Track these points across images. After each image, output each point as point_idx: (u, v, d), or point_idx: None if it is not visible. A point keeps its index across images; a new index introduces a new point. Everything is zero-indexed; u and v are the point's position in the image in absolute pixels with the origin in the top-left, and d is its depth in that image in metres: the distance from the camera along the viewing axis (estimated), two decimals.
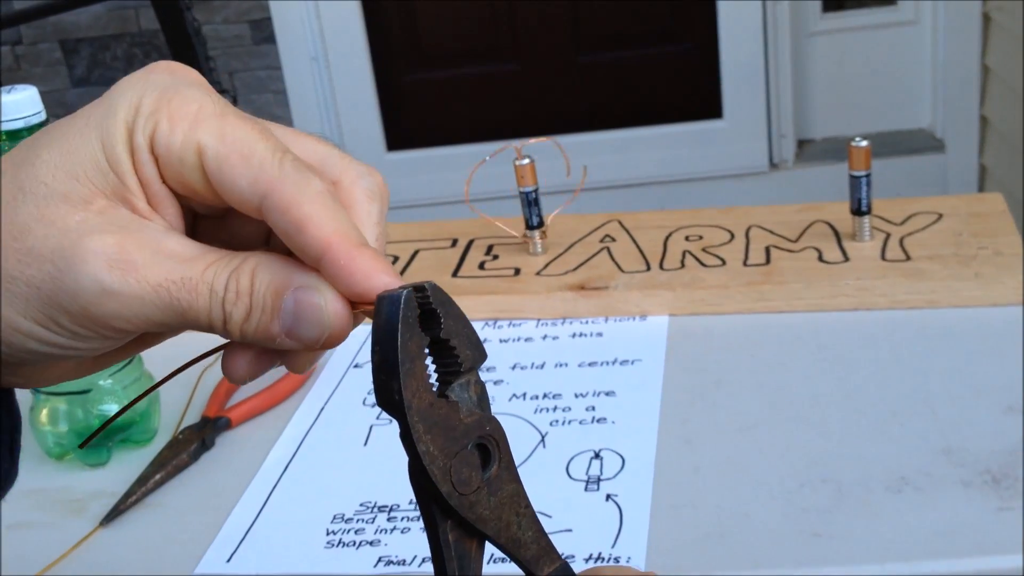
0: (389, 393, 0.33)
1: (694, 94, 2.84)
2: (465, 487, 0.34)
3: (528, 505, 0.36)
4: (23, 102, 0.69)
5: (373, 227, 0.38)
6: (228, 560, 0.67)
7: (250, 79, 2.83)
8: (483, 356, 0.35)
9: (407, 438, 0.33)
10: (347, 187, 0.38)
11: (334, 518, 0.69)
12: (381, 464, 0.74)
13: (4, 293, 0.34)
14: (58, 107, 2.79)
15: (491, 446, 0.35)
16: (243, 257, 0.35)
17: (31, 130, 0.71)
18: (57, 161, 0.35)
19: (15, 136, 0.70)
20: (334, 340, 0.35)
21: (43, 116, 0.71)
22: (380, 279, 0.34)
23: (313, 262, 0.35)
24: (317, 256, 0.34)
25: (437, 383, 0.35)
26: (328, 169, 0.38)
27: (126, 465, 0.77)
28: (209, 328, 0.35)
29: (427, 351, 0.34)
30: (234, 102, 2.62)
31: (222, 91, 2.61)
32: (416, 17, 2.87)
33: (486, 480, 0.35)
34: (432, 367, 0.35)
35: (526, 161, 0.93)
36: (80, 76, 2.88)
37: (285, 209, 0.34)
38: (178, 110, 0.35)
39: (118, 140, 0.35)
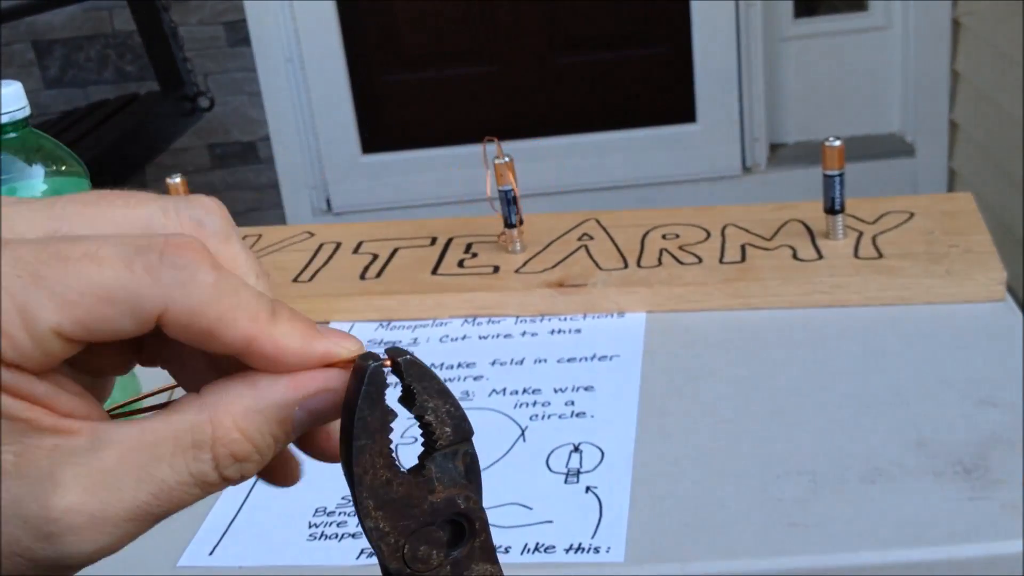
0: (344, 466, 0.32)
1: (668, 98, 2.86)
2: (421, 564, 0.33)
3: None
4: (9, 97, 0.69)
5: (247, 267, 0.33)
6: (211, 553, 0.67)
7: (225, 81, 2.83)
8: (464, 432, 0.33)
9: (358, 513, 0.32)
10: None
11: (316, 511, 0.70)
12: None
13: None
14: (31, 108, 2.77)
15: (465, 524, 0.34)
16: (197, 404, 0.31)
17: (15, 125, 0.71)
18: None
19: None
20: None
21: (27, 111, 0.71)
22: (313, 348, 0.31)
23: (241, 359, 0.31)
24: (243, 356, 0.31)
25: (421, 453, 0.33)
26: (157, 230, 0.31)
27: None
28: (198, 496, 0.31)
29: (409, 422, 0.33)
30: (211, 104, 2.62)
31: (199, 93, 2.60)
32: (392, 19, 2.87)
33: (451, 559, 0.33)
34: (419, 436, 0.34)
35: (505, 160, 0.94)
36: (53, 77, 2.86)
37: (186, 324, 0.30)
38: (187, 292, 0.30)
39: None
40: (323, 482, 0.73)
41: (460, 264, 0.95)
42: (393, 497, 0.32)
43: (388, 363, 0.32)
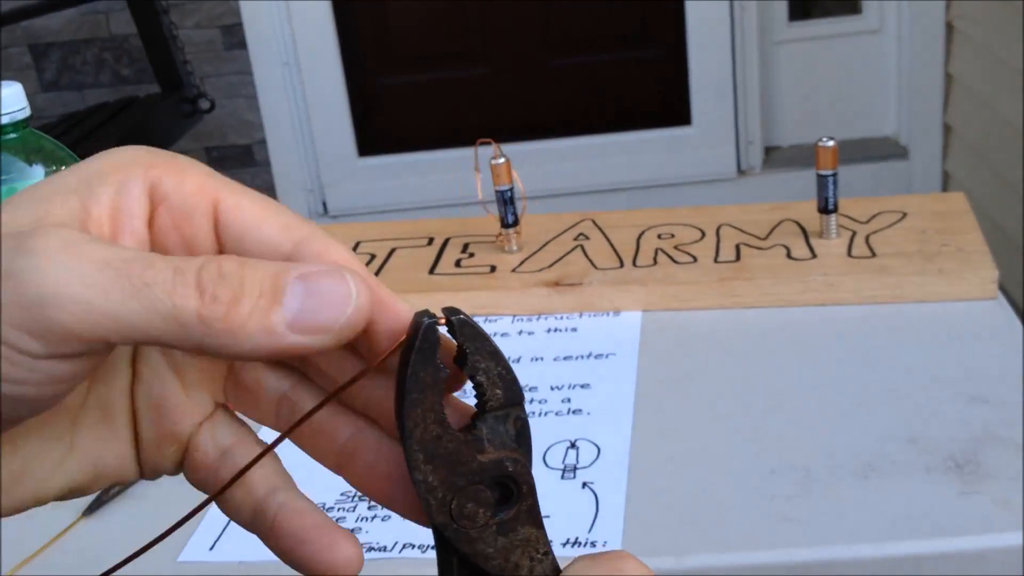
0: (396, 418, 0.33)
1: (663, 101, 2.87)
2: (468, 522, 0.33)
3: (548, 553, 0.35)
4: (9, 98, 0.69)
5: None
6: (211, 548, 0.68)
7: (221, 84, 2.84)
8: (515, 396, 0.33)
9: (408, 465, 0.33)
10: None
11: None
12: None
13: None
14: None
15: (513, 487, 0.34)
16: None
17: (15, 125, 0.72)
18: (22, 194, 0.31)
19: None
20: (357, 321, 0.30)
21: (28, 112, 0.72)
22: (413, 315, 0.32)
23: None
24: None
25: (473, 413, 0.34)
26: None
27: None
28: (177, 327, 0.28)
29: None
30: (211, 106, 2.63)
31: (199, 94, 2.61)
32: (387, 22, 2.88)
33: (498, 519, 0.34)
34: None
35: (502, 160, 0.94)
36: (50, 80, 2.87)
37: (324, 252, 0.32)
38: (182, 163, 0.33)
39: (105, 172, 0.31)
40: (322, 479, 0.74)
41: (457, 264, 0.96)
42: (442, 452, 0.32)
43: (442, 321, 0.32)
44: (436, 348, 0.32)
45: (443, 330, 0.32)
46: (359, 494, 0.70)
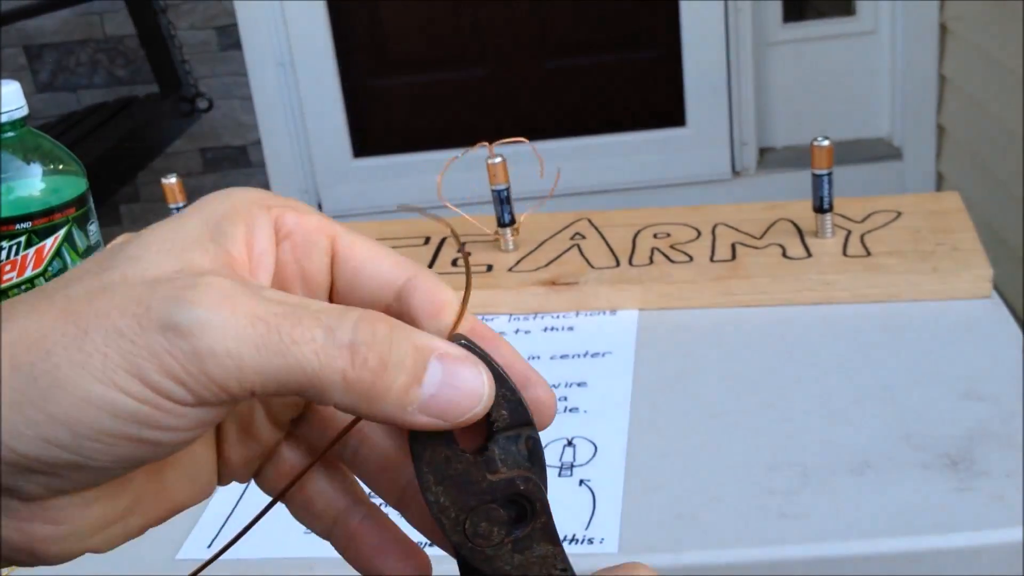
0: (408, 442, 0.33)
1: (658, 102, 2.88)
2: (483, 540, 0.34)
3: (567, 569, 0.35)
4: (7, 96, 0.70)
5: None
6: (209, 545, 0.68)
7: (216, 85, 2.84)
8: (521, 416, 0.34)
9: (420, 487, 0.33)
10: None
11: None
12: None
13: (74, 355, 0.27)
14: None
15: (527, 506, 0.34)
16: (359, 308, 0.31)
17: (13, 124, 0.72)
18: (148, 242, 0.31)
19: None
20: (481, 415, 0.32)
21: (25, 110, 0.72)
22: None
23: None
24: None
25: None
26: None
27: None
28: (316, 380, 0.29)
29: None
30: (209, 105, 2.63)
31: (197, 94, 2.61)
32: (383, 23, 2.88)
33: (514, 537, 0.34)
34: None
35: (498, 159, 0.95)
36: (44, 81, 2.87)
37: (433, 289, 0.34)
38: (296, 204, 0.34)
39: (231, 214, 0.32)
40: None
41: (454, 263, 0.96)
42: (452, 473, 0.33)
43: None
44: None
45: None
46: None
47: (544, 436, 0.36)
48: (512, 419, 0.34)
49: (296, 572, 0.65)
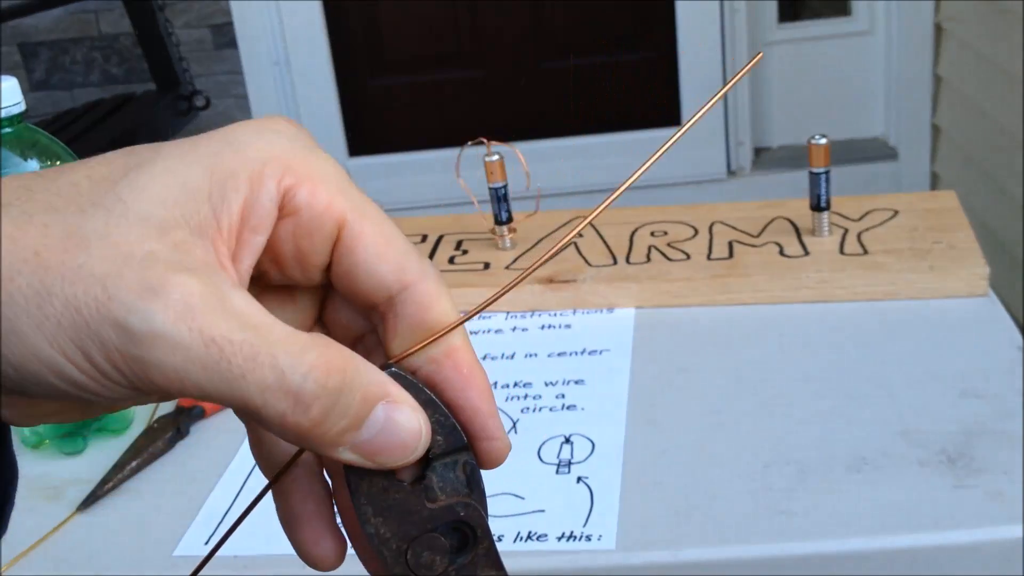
0: (345, 474, 0.33)
1: (654, 102, 2.88)
2: (426, 571, 0.34)
3: None
4: (4, 92, 0.70)
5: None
6: (206, 542, 0.68)
7: (211, 84, 2.83)
8: (456, 441, 0.33)
9: (358, 520, 0.33)
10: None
11: None
12: None
13: (34, 312, 0.28)
14: None
15: (468, 532, 0.34)
16: (320, 342, 0.30)
17: (11, 120, 0.72)
18: (145, 182, 0.30)
19: None
20: (408, 464, 0.32)
21: (23, 107, 0.72)
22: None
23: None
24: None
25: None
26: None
27: (102, 453, 0.78)
28: (255, 413, 0.29)
29: None
30: (207, 103, 2.63)
31: (195, 92, 2.61)
32: (378, 22, 2.88)
33: (457, 565, 0.34)
34: None
35: (496, 157, 0.95)
36: (39, 80, 2.86)
37: (427, 304, 0.33)
38: (317, 173, 0.32)
39: (238, 175, 0.31)
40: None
41: (451, 261, 0.96)
42: (390, 504, 0.33)
43: None
44: None
45: None
46: None
47: (542, 434, 0.36)
48: (448, 444, 0.33)
49: (297, 572, 0.65)
